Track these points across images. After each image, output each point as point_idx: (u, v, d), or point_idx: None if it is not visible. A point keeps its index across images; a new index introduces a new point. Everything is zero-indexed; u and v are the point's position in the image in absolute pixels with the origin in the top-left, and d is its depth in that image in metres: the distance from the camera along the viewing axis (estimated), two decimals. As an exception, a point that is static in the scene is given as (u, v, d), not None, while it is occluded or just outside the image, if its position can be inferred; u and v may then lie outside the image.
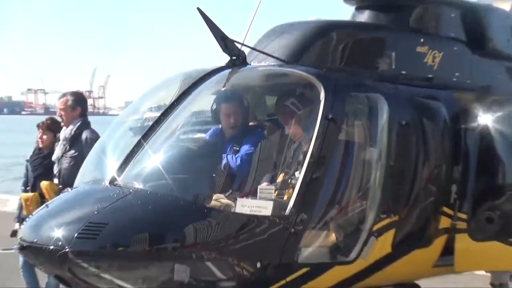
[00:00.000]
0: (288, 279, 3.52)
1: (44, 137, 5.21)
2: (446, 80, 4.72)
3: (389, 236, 3.86)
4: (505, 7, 5.43)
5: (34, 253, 3.44)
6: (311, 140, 3.46)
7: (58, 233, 3.19)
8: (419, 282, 4.66)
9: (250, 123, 4.26)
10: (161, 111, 3.79)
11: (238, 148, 3.96)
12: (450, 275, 4.86)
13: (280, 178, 3.67)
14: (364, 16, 4.91)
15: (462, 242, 4.33)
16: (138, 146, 3.57)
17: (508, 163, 4.40)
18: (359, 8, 5.03)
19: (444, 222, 4.31)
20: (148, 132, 3.64)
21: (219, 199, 3.58)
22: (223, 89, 3.96)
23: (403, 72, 4.38)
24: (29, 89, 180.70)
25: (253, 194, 3.54)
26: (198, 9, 3.52)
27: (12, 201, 9.18)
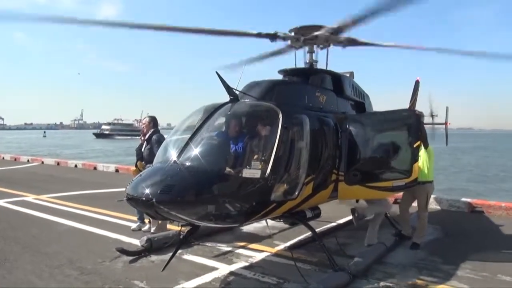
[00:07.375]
0: (266, 209, 4.92)
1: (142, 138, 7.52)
2: (329, 109, 6.65)
3: (310, 185, 5.53)
4: (346, 74, 7.94)
5: (135, 201, 4.47)
6: (276, 138, 4.84)
7: (148, 190, 4.28)
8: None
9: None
10: (196, 126, 5.09)
11: (237, 143, 5.14)
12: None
13: (260, 158, 4.88)
14: (288, 78, 7.12)
15: (342, 186, 6.25)
16: (186, 144, 4.83)
17: (360, 147, 6.25)
18: (285, 75, 7.20)
19: (333, 176, 6.18)
20: (190, 137, 4.94)
21: (228, 169, 4.79)
22: (229, 113, 5.34)
23: (310, 105, 6.20)
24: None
25: (246, 167, 4.76)
26: (216, 72, 4.98)
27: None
